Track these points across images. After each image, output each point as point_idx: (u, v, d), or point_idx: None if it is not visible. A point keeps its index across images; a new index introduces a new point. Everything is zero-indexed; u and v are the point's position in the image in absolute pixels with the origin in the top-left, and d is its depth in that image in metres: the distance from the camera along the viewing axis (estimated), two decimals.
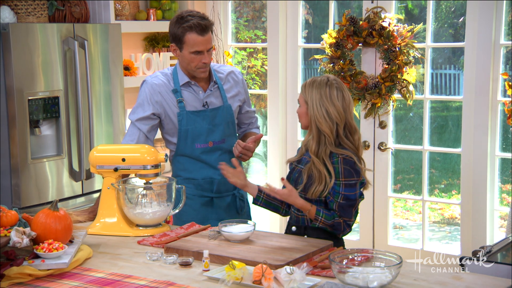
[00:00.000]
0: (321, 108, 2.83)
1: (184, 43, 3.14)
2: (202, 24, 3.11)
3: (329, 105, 2.82)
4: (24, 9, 4.16)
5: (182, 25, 3.12)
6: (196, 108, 3.24)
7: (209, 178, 3.27)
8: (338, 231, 2.83)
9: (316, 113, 2.83)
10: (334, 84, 2.86)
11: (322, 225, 2.82)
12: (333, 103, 2.83)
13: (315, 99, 2.84)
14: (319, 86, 2.85)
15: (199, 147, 3.24)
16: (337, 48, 4.59)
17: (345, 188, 2.80)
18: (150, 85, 3.23)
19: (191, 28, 3.10)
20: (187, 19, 3.12)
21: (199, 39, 3.12)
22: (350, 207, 2.82)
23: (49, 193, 4.05)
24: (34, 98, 3.93)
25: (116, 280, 2.35)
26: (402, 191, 5.46)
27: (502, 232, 4.37)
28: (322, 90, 2.84)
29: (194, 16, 3.13)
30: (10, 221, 2.59)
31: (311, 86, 2.87)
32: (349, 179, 2.80)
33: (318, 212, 2.81)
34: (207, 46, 3.15)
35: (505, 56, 4.26)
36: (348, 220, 2.83)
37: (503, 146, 4.39)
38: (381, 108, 4.62)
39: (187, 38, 3.12)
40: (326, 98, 2.83)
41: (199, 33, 3.11)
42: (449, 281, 2.27)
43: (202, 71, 3.20)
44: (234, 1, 5.50)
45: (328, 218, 2.81)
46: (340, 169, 2.80)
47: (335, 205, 2.81)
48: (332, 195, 2.81)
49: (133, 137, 3.21)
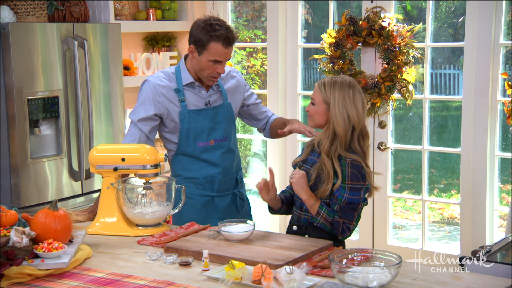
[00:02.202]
0: (343, 111, 2.80)
1: (206, 50, 3.12)
2: (230, 38, 3.12)
3: (351, 108, 2.80)
4: (24, 8, 4.16)
5: (210, 33, 3.09)
6: (198, 107, 3.24)
7: (210, 177, 3.27)
8: (336, 231, 2.82)
9: (337, 115, 2.80)
10: (356, 86, 2.85)
11: (323, 220, 2.80)
12: (355, 106, 2.81)
13: (338, 100, 2.81)
14: (341, 87, 2.82)
15: (200, 145, 3.24)
16: (336, 48, 4.59)
17: (350, 191, 2.78)
18: (152, 85, 3.22)
19: (219, 38, 3.09)
20: (216, 28, 3.10)
21: (223, 51, 3.12)
22: (352, 211, 2.80)
23: (48, 193, 4.05)
24: (34, 98, 3.93)
25: (115, 280, 2.35)
26: (401, 191, 5.46)
27: (502, 232, 4.37)
28: (345, 91, 2.82)
29: (222, 27, 3.12)
30: (9, 221, 2.59)
31: (332, 87, 2.83)
32: (354, 183, 2.79)
33: (321, 207, 2.80)
34: (227, 58, 3.17)
35: (505, 56, 4.26)
36: (348, 223, 2.81)
37: (502, 145, 4.39)
38: (381, 108, 4.62)
39: (212, 46, 3.11)
40: (350, 100, 2.81)
41: (225, 45, 3.11)
42: (449, 281, 2.27)
43: (213, 79, 3.21)
44: (233, 1, 5.50)
45: (330, 214, 2.79)
46: (347, 172, 2.78)
47: (337, 207, 2.80)
48: (336, 197, 2.80)
49: (134, 137, 3.21)
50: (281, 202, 3.01)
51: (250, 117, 3.51)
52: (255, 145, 6.12)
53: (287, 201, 3.04)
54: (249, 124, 3.58)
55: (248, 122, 3.55)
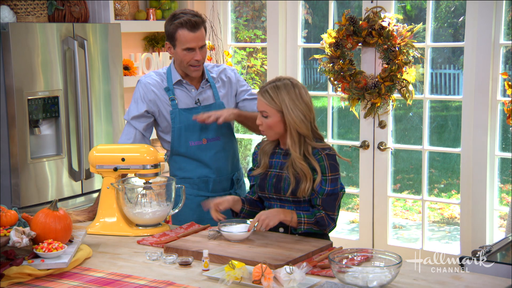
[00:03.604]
0: (297, 111, 2.78)
1: (176, 40, 3.16)
2: (192, 21, 3.13)
3: (303, 106, 2.79)
4: (24, 8, 4.16)
5: (174, 22, 3.15)
6: (188, 106, 3.26)
7: (205, 177, 3.27)
8: (323, 227, 2.79)
9: (294, 118, 2.77)
10: (297, 83, 2.82)
11: (306, 226, 2.78)
12: (305, 102, 2.80)
13: (289, 104, 2.78)
14: (285, 90, 2.79)
15: (193, 144, 3.25)
16: (336, 47, 4.59)
17: (330, 183, 2.79)
18: (143, 84, 3.26)
19: (182, 24, 3.13)
20: (179, 16, 3.15)
21: (190, 36, 3.14)
22: (333, 201, 2.80)
23: (48, 193, 4.05)
24: (34, 98, 3.93)
25: (115, 279, 2.35)
26: (401, 191, 5.46)
27: (502, 232, 4.37)
28: (291, 93, 2.79)
29: (186, 14, 3.16)
30: (9, 221, 2.59)
31: (278, 93, 2.79)
32: (334, 174, 2.80)
33: (299, 215, 2.78)
34: (199, 43, 3.16)
35: (505, 55, 4.26)
36: (332, 214, 2.80)
37: (502, 145, 4.39)
38: (381, 108, 4.62)
39: (179, 35, 3.15)
40: (298, 99, 2.78)
41: (190, 29, 3.13)
42: (449, 281, 2.27)
43: (194, 69, 3.21)
44: (233, 1, 5.50)
45: (310, 216, 2.78)
46: (326, 165, 2.78)
47: (318, 201, 2.79)
48: (317, 192, 2.79)
49: (129, 136, 3.22)
50: (242, 201, 2.96)
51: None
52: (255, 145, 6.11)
53: (250, 201, 2.99)
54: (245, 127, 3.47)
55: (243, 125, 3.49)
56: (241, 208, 2.95)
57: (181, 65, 3.22)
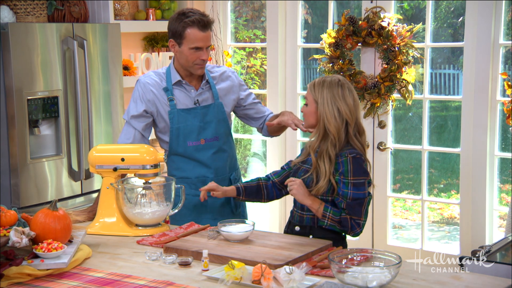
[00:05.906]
0: (332, 107, 2.82)
1: (184, 38, 3.15)
2: (204, 20, 3.14)
3: (341, 104, 2.82)
4: (23, 8, 4.16)
5: (183, 20, 3.14)
6: (187, 106, 3.26)
7: (202, 176, 3.27)
8: (346, 228, 2.79)
9: (327, 112, 2.82)
10: (345, 85, 2.86)
11: (330, 222, 2.79)
12: (345, 101, 2.83)
13: (326, 97, 2.83)
14: (330, 86, 2.84)
15: (191, 145, 3.25)
16: (336, 48, 4.59)
17: (353, 187, 2.78)
18: (142, 83, 3.26)
19: (193, 23, 3.13)
20: (189, 15, 3.15)
21: (200, 35, 3.14)
22: (359, 206, 2.79)
23: (48, 193, 4.05)
24: (33, 98, 3.93)
25: (115, 280, 2.35)
26: (401, 191, 5.46)
27: (501, 232, 4.37)
28: (334, 89, 2.84)
29: (195, 13, 3.17)
30: (9, 221, 2.59)
31: (321, 86, 2.86)
32: (358, 178, 2.79)
33: (326, 209, 2.79)
34: (207, 43, 3.17)
35: (504, 55, 4.26)
36: (357, 218, 2.79)
37: (502, 145, 4.39)
38: (381, 108, 4.62)
39: (188, 33, 3.14)
40: (338, 96, 2.83)
41: (200, 28, 3.14)
42: (449, 281, 2.27)
43: (199, 67, 3.22)
44: (233, 1, 5.50)
45: (336, 214, 2.79)
46: (349, 168, 2.78)
47: (343, 204, 2.79)
48: (341, 195, 2.79)
49: (128, 136, 3.22)
50: (237, 192, 3.06)
51: (246, 117, 3.51)
52: (255, 145, 6.12)
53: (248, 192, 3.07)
54: (247, 124, 3.58)
55: (246, 122, 3.55)
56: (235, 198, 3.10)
57: (186, 63, 3.21)
